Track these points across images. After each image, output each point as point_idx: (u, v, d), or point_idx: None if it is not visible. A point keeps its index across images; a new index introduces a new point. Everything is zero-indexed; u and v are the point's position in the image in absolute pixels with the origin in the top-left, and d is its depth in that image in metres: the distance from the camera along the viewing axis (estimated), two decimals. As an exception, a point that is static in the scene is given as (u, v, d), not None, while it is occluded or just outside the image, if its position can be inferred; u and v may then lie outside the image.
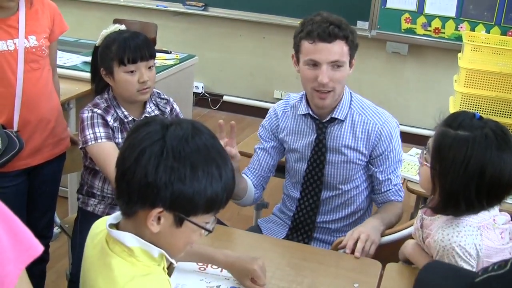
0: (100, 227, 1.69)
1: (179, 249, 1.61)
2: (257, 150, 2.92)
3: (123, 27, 2.86)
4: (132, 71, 2.71)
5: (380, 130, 2.68)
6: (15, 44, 2.80)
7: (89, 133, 2.71)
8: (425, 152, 2.11)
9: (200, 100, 6.88)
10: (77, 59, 4.55)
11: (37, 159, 2.98)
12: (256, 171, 2.89)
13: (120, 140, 2.77)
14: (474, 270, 2.04)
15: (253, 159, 2.92)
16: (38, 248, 1.30)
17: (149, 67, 2.76)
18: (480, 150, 1.95)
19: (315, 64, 2.56)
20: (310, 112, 2.71)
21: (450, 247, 2.01)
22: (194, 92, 6.43)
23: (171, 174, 1.45)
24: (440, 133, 2.04)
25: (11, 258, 1.25)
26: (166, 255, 1.59)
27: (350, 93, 2.74)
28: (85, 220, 2.90)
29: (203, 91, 6.92)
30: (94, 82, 2.91)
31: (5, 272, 1.23)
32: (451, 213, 2.07)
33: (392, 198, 2.77)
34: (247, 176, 2.87)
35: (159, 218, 1.50)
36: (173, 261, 1.63)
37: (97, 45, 2.83)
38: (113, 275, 1.52)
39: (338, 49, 2.54)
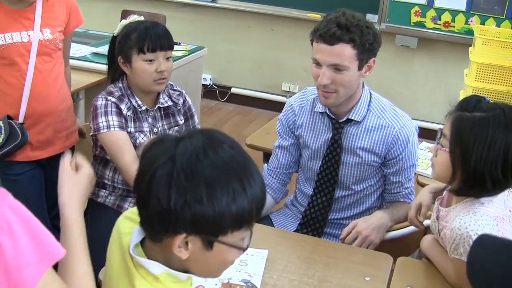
0: (127, 227, 1.58)
1: (214, 272, 1.50)
2: (276, 149, 2.89)
3: (142, 18, 2.87)
4: (150, 60, 2.71)
5: (398, 134, 2.63)
6: (29, 36, 2.80)
7: (102, 120, 2.71)
8: (440, 139, 2.10)
9: (208, 92, 6.87)
10: (86, 50, 4.54)
11: (48, 151, 2.98)
12: (277, 170, 2.87)
13: (132, 129, 2.77)
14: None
15: (273, 158, 2.90)
16: (60, 251, 1.30)
17: (167, 58, 2.77)
18: (501, 127, 1.97)
19: (318, 63, 2.52)
20: (327, 111, 2.67)
21: (467, 235, 2.00)
22: (202, 84, 6.42)
23: (186, 196, 1.32)
24: (457, 117, 2.04)
25: (31, 261, 1.24)
26: (194, 276, 1.50)
27: (370, 93, 2.69)
28: (96, 212, 2.89)
29: (211, 83, 6.91)
30: (110, 72, 2.92)
31: (24, 276, 1.22)
32: (476, 194, 2.07)
33: (401, 200, 2.75)
34: (268, 178, 2.87)
35: (186, 243, 1.37)
36: (202, 278, 1.59)
37: (115, 34, 2.84)
38: None
39: (340, 52, 2.45)
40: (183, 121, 2.95)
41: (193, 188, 1.32)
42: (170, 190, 1.32)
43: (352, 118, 2.63)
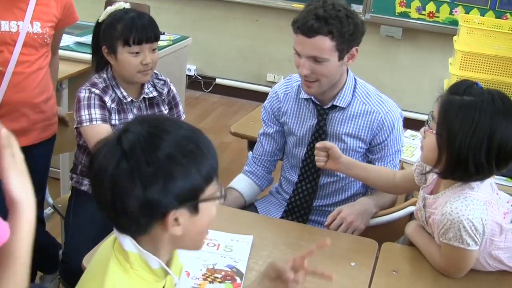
0: None
1: (203, 234, 1.54)
2: (260, 136, 2.89)
3: (127, 5, 2.82)
4: (136, 52, 2.67)
5: (383, 120, 2.63)
6: (18, 26, 2.77)
7: (84, 113, 2.68)
8: (429, 121, 2.10)
9: (193, 82, 6.85)
10: (70, 40, 4.50)
11: (22, 140, 2.89)
12: (262, 158, 2.87)
13: (116, 122, 2.74)
14: (478, 247, 2.05)
15: (257, 146, 2.90)
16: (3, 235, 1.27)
17: (153, 50, 2.73)
18: (488, 112, 1.97)
19: (298, 54, 2.51)
20: (312, 97, 2.67)
21: (458, 220, 2.00)
22: (186, 75, 6.40)
23: (158, 181, 1.35)
24: (445, 100, 2.04)
25: None
26: (169, 270, 1.51)
27: (355, 79, 2.69)
28: (79, 199, 2.88)
29: (195, 74, 6.89)
30: (95, 59, 2.88)
31: None
32: (460, 178, 2.07)
33: None
34: (252, 165, 2.88)
35: (176, 220, 1.40)
36: (175, 277, 1.57)
37: (100, 20, 2.78)
38: (102, 276, 1.44)
39: (318, 44, 2.43)
40: (167, 110, 2.93)
41: (161, 170, 1.36)
42: (142, 183, 1.35)
43: (337, 104, 2.63)
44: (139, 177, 1.35)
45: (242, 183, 2.86)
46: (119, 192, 1.36)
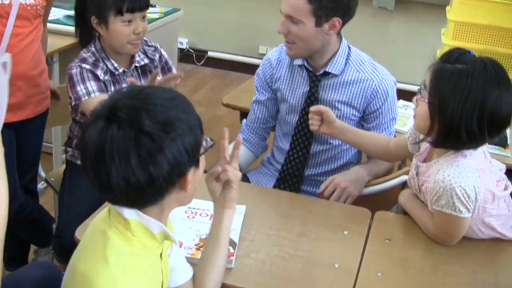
0: None
1: (200, 183, 1.60)
2: (253, 104, 2.90)
3: None
4: (129, 21, 2.64)
5: (376, 87, 2.63)
6: None
7: (80, 88, 2.66)
8: (421, 90, 2.09)
9: (185, 56, 6.81)
10: (59, 13, 4.45)
11: (18, 115, 2.91)
12: (255, 125, 2.89)
13: None
14: (470, 214, 2.05)
15: (250, 113, 2.91)
16: None
17: (143, 17, 2.71)
18: (480, 80, 1.96)
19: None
20: (305, 63, 2.66)
21: (451, 188, 2.00)
22: (178, 48, 6.36)
23: (177, 143, 1.41)
24: (437, 68, 2.03)
25: None
26: (169, 233, 1.55)
27: (349, 47, 2.68)
28: (74, 174, 2.87)
29: (187, 47, 6.84)
30: (79, 31, 2.84)
31: None
32: (452, 146, 2.06)
33: None
34: (246, 133, 2.90)
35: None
36: (176, 240, 1.60)
37: None
38: (103, 247, 1.46)
39: (294, 4, 2.46)
40: (161, 77, 2.90)
41: (176, 133, 1.41)
42: (166, 150, 1.39)
43: (329, 71, 2.62)
44: (162, 144, 1.39)
45: None
46: (147, 164, 1.38)
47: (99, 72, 2.69)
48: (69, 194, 2.82)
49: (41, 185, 3.76)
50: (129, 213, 1.48)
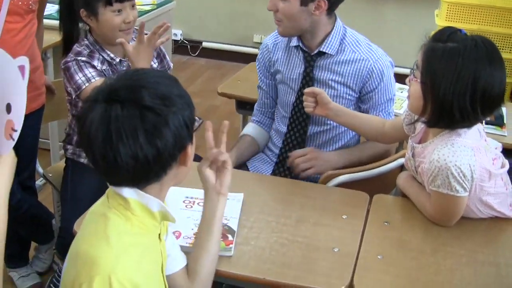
0: None
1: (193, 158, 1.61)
2: (258, 90, 2.98)
3: None
4: (119, 10, 2.63)
5: (372, 67, 2.64)
6: None
7: (79, 77, 2.62)
8: (414, 70, 2.09)
9: (179, 47, 6.79)
10: (52, 8, 4.43)
11: None
12: (263, 110, 2.98)
13: None
14: (467, 193, 2.06)
15: (258, 97, 3.00)
16: None
17: (133, 6, 2.69)
18: (471, 58, 1.96)
19: None
20: (300, 44, 2.69)
21: (446, 167, 2.00)
22: (172, 40, 6.34)
23: (178, 117, 1.46)
24: (428, 47, 2.03)
25: None
26: (168, 210, 1.57)
27: (344, 28, 2.70)
28: (77, 172, 2.82)
29: (181, 38, 6.82)
30: (64, 23, 2.80)
31: None
32: (446, 125, 2.06)
33: None
34: (258, 115, 2.99)
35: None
36: (174, 218, 1.61)
37: None
38: (104, 227, 1.49)
39: None
40: (156, 64, 2.88)
41: (174, 106, 1.45)
42: (170, 124, 1.44)
43: (324, 50, 2.65)
44: (166, 117, 1.43)
45: (252, 130, 2.96)
46: (154, 138, 1.42)
47: (95, 63, 2.67)
48: (72, 193, 2.78)
49: (39, 181, 3.75)
50: (129, 192, 1.51)
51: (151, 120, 1.42)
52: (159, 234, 1.61)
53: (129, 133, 1.40)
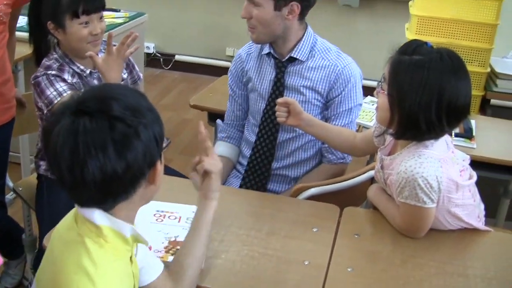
0: None
1: (161, 179, 1.56)
2: (228, 103, 2.97)
3: None
4: (86, 23, 2.62)
5: (340, 72, 2.67)
6: None
7: (50, 92, 2.58)
8: (381, 82, 2.11)
9: (152, 60, 6.79)
10: (23, 20, 4.39)
11: None
12: (234, 122, 2.98)
13: None
14: (435, 204, 2.07)
15: (227, 110, 2.99)
16: None
17: (100, 18, 2.68)
18: (437, 70, 1.99)
19: None
20: (272, 51, 2.73)
21: (413, 178, 2.02)
22: (145, 53, 6.34)
23: (149, 131, 1.41)
24: (395, 60, 2.05)
25: None
26: (140, 235, 1.54)
27: (315, 36, 2.74)
28: (53, 189, 2.77)
29: (154, 51, 6.83)
30: (33, 37, 2.79)
31: None
32: (412, 137, 2.09)
33: (326, 155, 2.80)
34: (227, 130, 2.97)
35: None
36: (147, 242, 1.59)
37: None
38: (80, 258, 1.43)
39: None
40: (126, 74, 2.89)
41: (144, 118, 1.41)
42: (141, 138, 1.39)
43: (294, 56, 2.69)
44: (136, 128, 1.39)
45: (224, 148, 2.95)
46: (124, 150, 1.38)
47: (66, 76, 2.65)
48: (50, 212, 2.72)
49: (9, 195, 3.72)
50: (100, 219, 1.46)
51: (121, 130, 1.37)
52: (131, 257, 1.58)
53: (98, 146, 1.35)
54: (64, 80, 2.63)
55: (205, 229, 1.84)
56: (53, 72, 2.63)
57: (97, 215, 1.46)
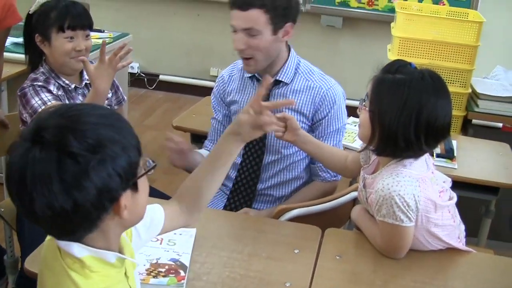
0: None
1: (144, 208, 1.49)
2: (212, 121, 2.96)
3: None
4: (71, 37, 2.70)
5: (325, 94, 2.69)
6: None
7: (35, 101, 2.65)
8: (365, 99, 2.14)
9: (136, 80, 6.80)
10: (7, 41, 4.41)
11: None
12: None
13: None
14: (413, 223, 2.09)
15: (211, 130, 2.97)
16: None
17: (86, 36, 2.77)
18: (417, 89, 2.03)
19: (235, 31, 2.59)
20: (256, 74, 2.74)
21: (390, 196, 2.04)
22: (129, 73, 6.34)
23: (105, 166, 1.29)
24: (378, 78, 2.10)
25: None
26: (127, 257, 1.49)
27: (298, 58, 2.76)
28: None
29: (138, 71, 6.83)
30: (28, 52, 2.86)
31: None
32: (392, 154, 2.12)
33: (320, 174, 2.81)
34: (209, 145, 2.94)
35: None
36: (135, 261, 1.55)
37: (31, 12, 2.80)
38: None
39: (253, 17, 2.53)
40: (111, 94, 2.94)
41: (104, 154, 1.29)
42: (91, 174, 1.27)
43: (280, 79, 2.70)
44: (87, 167, 1.27)
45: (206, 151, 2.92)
46: (71, 189, 1.26)
47: (51, 88, 2.72)
48: (31, 235, 2.71)
49: (-9, 216, 3.69)
50: (79, 252, 1.39)
51: (69, 169, 1.26)
52: (125, 273, 1.52)
53: (44, 180, 1.25)
54: (49, 91, 2.70)
55: (225, 159, 1.79)
56: (40, 83, 2.71)
57: (76, 248, 1.39)
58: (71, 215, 1.29)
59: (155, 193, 2.87)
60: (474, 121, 4.03)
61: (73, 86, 2.79)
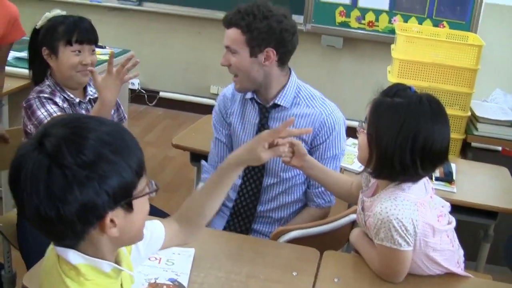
0: None
1: (141, 230, 1.50)
2: (213, 142, 2.96)
3: (64, 12, 2.91)
4: (78, 51, 2.75)
5: (324, 120, 2.69)
6: None
7: (41, 112, 2.68)
8: (364, 122, 2.15)
9: (137, 96, 6.81)
10: (9, 55, 4.42)
11: None
12: (217, 164, 2.90)
13: None
14: (411, 247, 2.09)
15: (212, 151, 2.97)
16: None
17: (92, 51, 2.83)
18: (414, 113, 2.04)
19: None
20: (255, 96, 2.75)
21: (388, 220, 2.04)
22: (130, 89, 6.35)
23: (93, 182, 1.30)
24: (376, 101, 2.12)
25: None
26: (122, 268, 1.49)
27: (299, 84, 2.76)
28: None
29: (139, 88, 6.85)
30: (32, 66, 2.90)
31: None
32: (388, 176, 2.13)
33: (315, 199, 2.81)
34: (211, 172, 2.89)
35: (111, 221, 1.37)
36: (131, 273, 1.56)
37: (38, 27, 2.86)
38: None
39: (231, 35, 2.61)
40: (113, 111, 2.93)
41: (93, 171, 1.31)
42: (76, 187, 1.29)
43: (278, 103, 2.70)
44: (74, 181, 1.29)
45: None
46: (55, 199, 1.29)
47: (57, 100, 2.76)
48: (37, 250, 2.70)
49: (-11, 231, 3.69)
50: (75, 258, 1.41)
51: (56, 180, 1.29)
52: (121, 285, 1.53)
53: (33, 183, 1.30)
54: (55, 103, 2.73)
55: (226, 183, 1.90)
56: (46, 95, 2.74)
57: (71, 255, 1.41)
58: (55, 223, 1.32)
59: (153, 210, 2.86)
60: (474, 144, 4.04)
61: (77, 100, 2.83)
